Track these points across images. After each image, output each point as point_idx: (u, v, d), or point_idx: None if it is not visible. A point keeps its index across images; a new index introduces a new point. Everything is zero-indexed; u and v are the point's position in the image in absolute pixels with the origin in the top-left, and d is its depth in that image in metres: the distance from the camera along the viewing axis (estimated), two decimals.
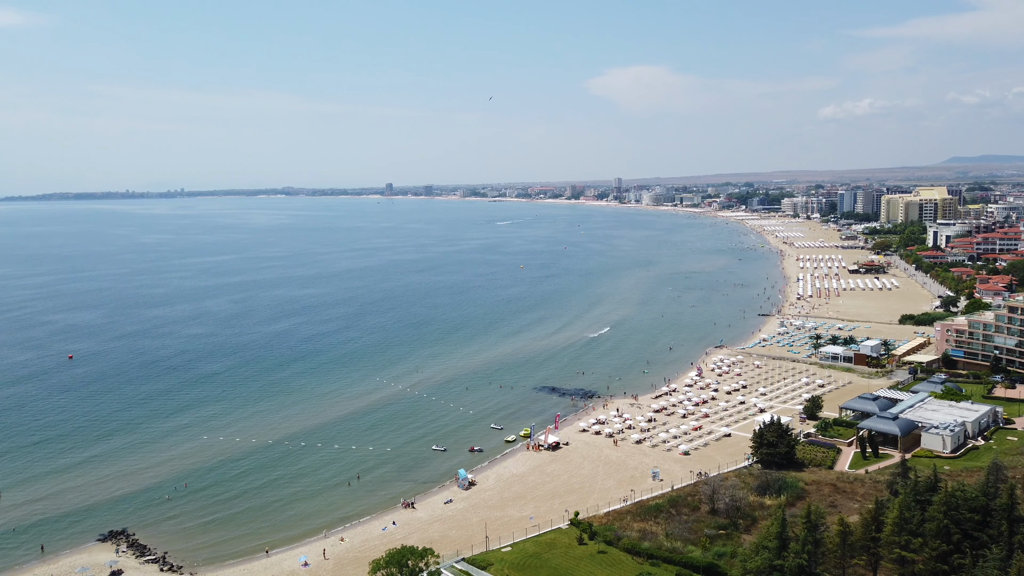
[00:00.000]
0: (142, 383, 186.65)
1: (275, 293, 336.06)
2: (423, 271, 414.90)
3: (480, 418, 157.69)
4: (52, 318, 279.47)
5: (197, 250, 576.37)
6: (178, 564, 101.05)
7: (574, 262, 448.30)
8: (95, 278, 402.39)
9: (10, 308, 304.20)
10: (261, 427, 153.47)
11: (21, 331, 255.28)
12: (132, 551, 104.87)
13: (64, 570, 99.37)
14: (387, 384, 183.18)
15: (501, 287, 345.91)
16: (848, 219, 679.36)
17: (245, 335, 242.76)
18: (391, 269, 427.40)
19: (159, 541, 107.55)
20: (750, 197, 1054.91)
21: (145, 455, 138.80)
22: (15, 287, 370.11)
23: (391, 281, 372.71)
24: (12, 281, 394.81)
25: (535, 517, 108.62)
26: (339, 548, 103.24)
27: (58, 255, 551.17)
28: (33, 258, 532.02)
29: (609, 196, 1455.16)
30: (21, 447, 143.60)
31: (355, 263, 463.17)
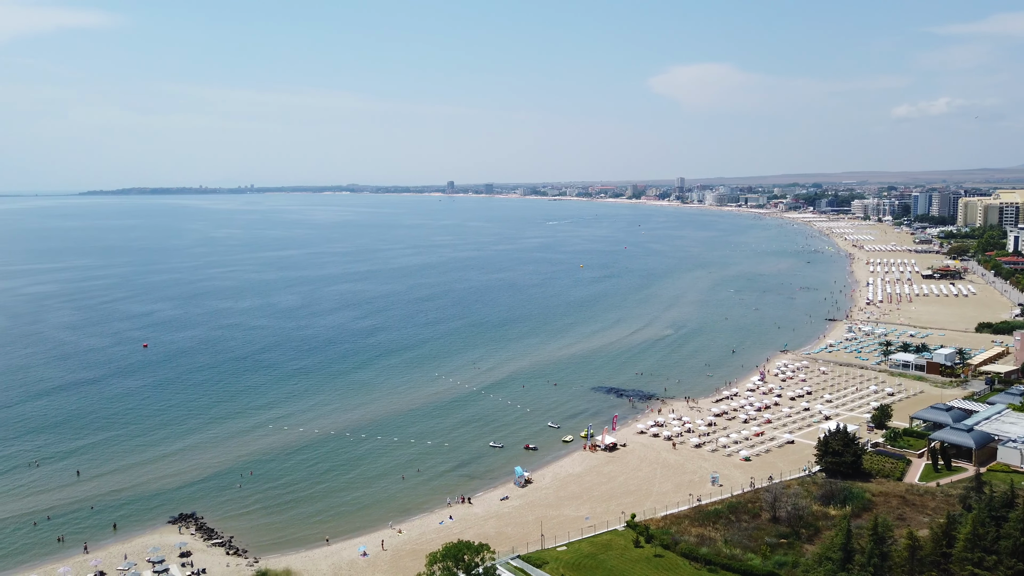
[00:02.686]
0: (210, 372, 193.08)
1: (337, 288, 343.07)
2: (482, 269, 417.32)
3: (537, 416, 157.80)
4: (128, 308, 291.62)
5: (264, 245, 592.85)
6: (243, 548, 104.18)
7: (634, 262, 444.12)
8: (168, 270, 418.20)
9: (90, 297, 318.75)
10: (322, 418, 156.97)
11: (100, 320, 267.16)
12: (200, 534, 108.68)
13: (137, 549, 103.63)
14: (445, 380, 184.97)
15: (560, 286, 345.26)
16: (922, 222, 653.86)
17: (308, 328, 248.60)
18: (451, 266, 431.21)
19: (225, 525, 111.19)
20: (818, 198, 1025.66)
21: (213, 441, 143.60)
22: (95, 277, 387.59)
23: (450, 278, 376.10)
24: (92, 272, 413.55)
25: (591, 517, 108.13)
26: (396, 540, 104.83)
27: (135, 247, 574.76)
28: (111, 250, 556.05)
29: (671, 196, 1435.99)
30: (98, 430, 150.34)
31: (416, 260, 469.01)
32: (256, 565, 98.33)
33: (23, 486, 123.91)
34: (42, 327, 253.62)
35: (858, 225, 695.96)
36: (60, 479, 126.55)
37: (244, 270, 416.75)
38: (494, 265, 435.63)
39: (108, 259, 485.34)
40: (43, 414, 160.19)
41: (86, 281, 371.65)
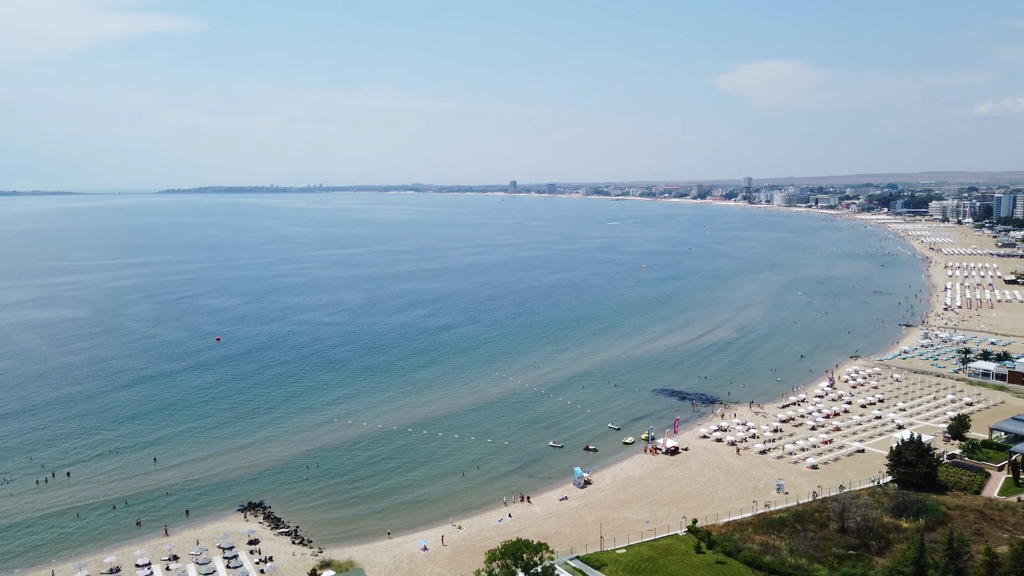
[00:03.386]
0: (280, 367, 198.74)
1: (402, 286, 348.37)
2: (544, 268, 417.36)
3: (597, 417, 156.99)
4: (202, 303, 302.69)
5: (331, 242, 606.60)
6: (308, 538, 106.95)
7: (699, 263, 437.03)
8: (241, 266, 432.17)
9: (167, 291, 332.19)
10: (386, 414, 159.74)
11: (176, 313, 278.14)
12: (268, 523, 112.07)
13: (208, 535, 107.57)
14: (506, 378, 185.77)
15: (622, 286, 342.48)
16: (1005, 225, 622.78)
17: (373, 325, 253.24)
18: (513, 266, 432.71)
19: (291, 515, 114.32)
20: (893, 199, 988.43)
21: (282, 434, 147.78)
22: (172, 272, 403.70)
23: (512, 278, 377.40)
24: (169, 267, 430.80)
25: (651, 521, 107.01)
26: (456, 535, 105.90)
27: (209, 244, 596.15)
28: (188, 246, 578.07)
29: (737, 196, 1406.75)
30: (173, 418, 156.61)
31: (478, 259, 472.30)
32: (320, 555, 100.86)
33: (104, 472, 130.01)
34: (125, 320, 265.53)
35: (936, 227, 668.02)
36: (138, 466, 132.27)
37: (312, 267, 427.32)
38: (556, 265, 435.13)
39: (184, 255, 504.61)
40: (124, 404, 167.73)
41: (164, 276, 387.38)
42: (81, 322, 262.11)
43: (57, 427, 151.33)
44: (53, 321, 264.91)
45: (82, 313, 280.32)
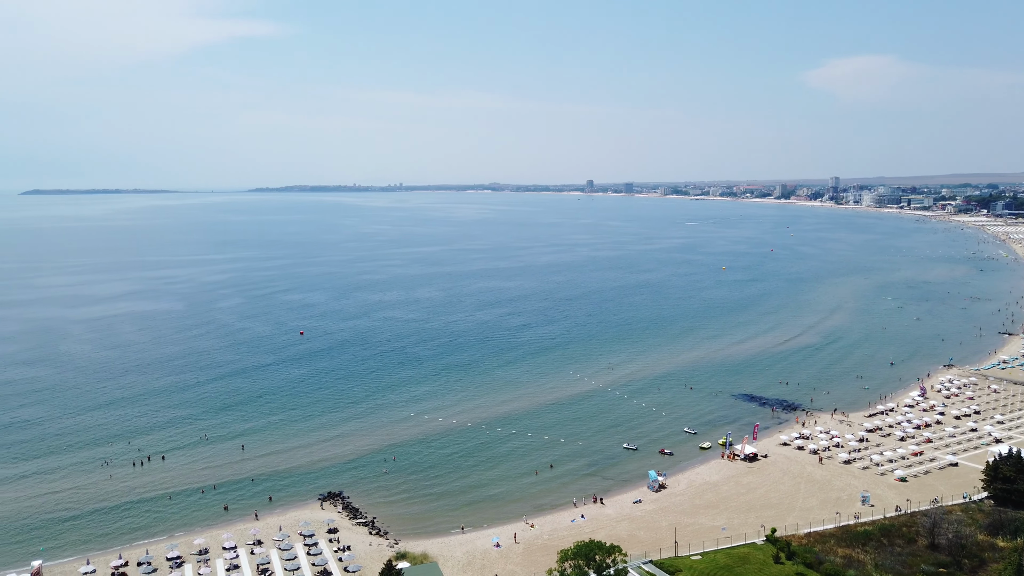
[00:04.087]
0: (361, 362, 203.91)
1: (478, 284, 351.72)
2: (621, 269, 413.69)
3: (673, 421, 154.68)
4: (287, 298, 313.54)
5: (410, 241, 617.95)
6: (385, 529, 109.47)
7: (782, 265, 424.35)
8: (323, 263, 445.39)
9: (254, 287, 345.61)
10: (461, 410, 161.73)
11: (263, 308, 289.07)
12: (346, 513, 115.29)
13: (290, 522, 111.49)
14: (580, 379, 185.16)
15: (701, 288, 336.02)
16: None
17: (450, 323, 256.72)
18: (589, 266, 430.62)
19: (369, 506, 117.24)
20: (993, 200, 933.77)
21: (361, 427, 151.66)
22: (258, 268, 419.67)
23: (588, 277, 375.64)
24: (256, 263, 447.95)
25: (728, 528, 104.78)
26: (529, 534, 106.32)
27: (294, 241, 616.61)
28: (274, 243, 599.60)
29: (824, 196, 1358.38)
30: (261, 410, 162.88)
31: (554, 258, 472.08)
32: (396, 547, 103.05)
33: (195, 459, 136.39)
34: (216, 313, 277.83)
35: None
36: (227, 454, 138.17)
37: (392, 265, 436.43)
38: (633, 265, 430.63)
39: (271, 252, 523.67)
40: (216, 395, 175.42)
41: (251, 272, 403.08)
42: (176, 314, 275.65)
43: (154, 415, 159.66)
44: (150, 313, 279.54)
45: (177, 306, 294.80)
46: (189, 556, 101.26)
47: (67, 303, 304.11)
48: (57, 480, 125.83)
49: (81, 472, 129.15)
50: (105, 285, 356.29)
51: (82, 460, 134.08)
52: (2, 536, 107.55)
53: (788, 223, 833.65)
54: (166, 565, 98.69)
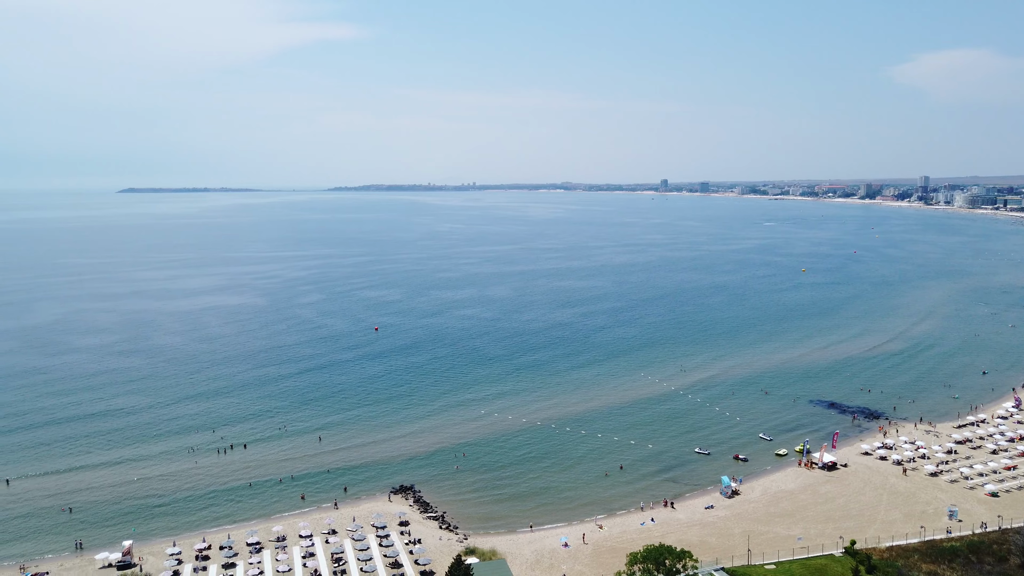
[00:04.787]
0: (431, 357, 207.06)
1: (550, 283, 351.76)
2: (695, 270, 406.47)
3: (747, 426, 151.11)
4: (363, 294, 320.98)
5: (483, 239, 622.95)
6: (454, 524, 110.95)
7: (866, 268, 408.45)
8: (398, 261, 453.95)
9: (333, 283, 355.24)
10: (531, 408, 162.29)
11: (340, 304, 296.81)
12: (417, 506, 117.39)
13: (363, 513, 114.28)
14: (652, 380, 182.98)
15: (779, 290, 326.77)
16: None
17: (522, 321, 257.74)
18: (662, 266, 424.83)
19: (439, 501, 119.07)
20: None
21: (433, 423, 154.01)
22: (337, 265, 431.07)
23: (662, 278, 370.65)
24: (335, 260, 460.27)
25: (804, 538, 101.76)
26: (597, 534, 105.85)
27: (370, 239, 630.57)
28: (350, 241, 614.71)
29: (912, 196, 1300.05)
30: (338, 403, 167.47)
31: (627, 258, 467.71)
32: (465, 542, 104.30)
33: (275, 451, 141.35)
34: (296, 309, 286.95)
35: None
36: (305, 446, 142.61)
37: (465, 263, 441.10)
38: (708, 266, 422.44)
39: (347, 249, 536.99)
40: (296, 389, 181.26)
41: (329, 269, 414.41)
42: (259, 309, 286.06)
43: (237, 406, 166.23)
44: (235, 307, 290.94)
45: (260, 301, 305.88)
46: (268, 542, 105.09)
47: (159, 296, 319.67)
48: (148, 466, 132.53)
49: (169, 459, 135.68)
50: (194, 280, 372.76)
51: (170, 448, 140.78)
52: (97, 517, 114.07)
53: (873, 224, 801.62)
54: (246, 550, 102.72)
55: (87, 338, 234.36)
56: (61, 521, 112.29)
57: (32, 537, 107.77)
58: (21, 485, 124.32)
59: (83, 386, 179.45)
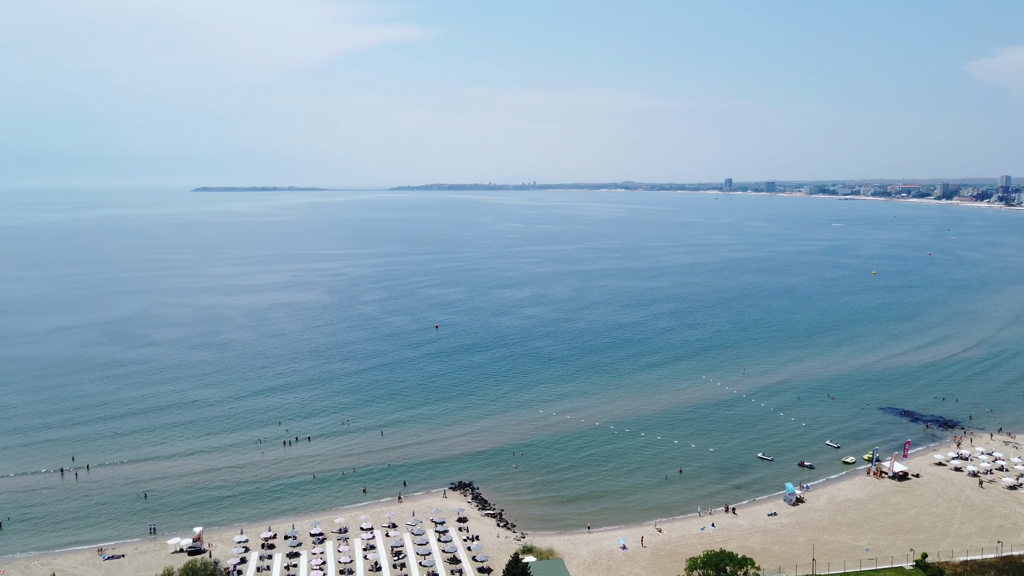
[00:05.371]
0: (493, 356, 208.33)
1: (611, 284, 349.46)
2: (759, 271, 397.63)
3: (813, 432, 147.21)
4: (425, 291, 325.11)
5: (543, 239, 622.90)
6: (512, 523, 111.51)
7: (941, 271, 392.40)
8: (458, 259, 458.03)
9: (395, 280, 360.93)
10: (587, 407, 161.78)
11: (402, 301, 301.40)
12: (475, 503, 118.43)
13: (423, 508, 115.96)
14: (714, 384, 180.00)
15: (847, 293, 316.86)
16: None
17: (580, 320, 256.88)
18: (726, 267, 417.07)
19: (498, 498, 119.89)
20: None
21: (491, 421, 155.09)
22: (399, 263, 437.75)
23: (725, 279, 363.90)
24: (397, 258, 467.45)
25: (872, 549, 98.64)
26: (656, 538, 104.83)
27: (431, 238, 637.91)
28: (413, 239, 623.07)
29: (992, 197, 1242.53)
30: (400, 401, 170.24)
31: (689, 259, 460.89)
32: (523, 540, 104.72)
33: (338, 445, 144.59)
34: (360, 306, 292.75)
35: None
36: (367, 441, 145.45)
37: (524, 262, 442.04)
38: (774, 268, 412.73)
39: (410, 247, 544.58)
40: (359, 385, 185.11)
41: (391, 266, 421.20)
42: (324, 305, 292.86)
43: (303, 401, 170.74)
44: (302, 303, 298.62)
45: (326, 297, 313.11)
46: (330, 533, 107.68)
47: (230, 292, 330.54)
48: (218, 457, 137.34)
49: (238, 451, 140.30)
50: (263, 276, 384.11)
51: (239, 440, 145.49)
52: (170, 504, 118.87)
53: (950, 225, 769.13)
54: (310, 540, 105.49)
55: (163, 331, 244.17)
56: (137, 507, 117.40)
57: (109, 521, 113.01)
58: (101, 472, 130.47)
59: (159, 379, 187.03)
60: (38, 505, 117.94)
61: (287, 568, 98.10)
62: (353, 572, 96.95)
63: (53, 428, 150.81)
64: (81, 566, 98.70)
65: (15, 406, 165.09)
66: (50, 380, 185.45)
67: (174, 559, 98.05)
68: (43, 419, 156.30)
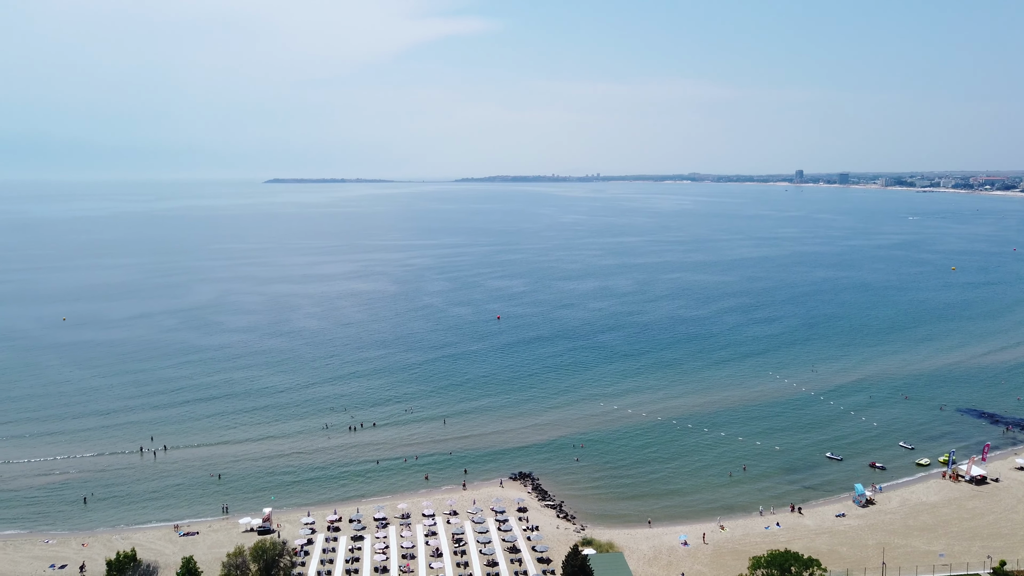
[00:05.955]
0: (554, 347, 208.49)
1: (672, 276, 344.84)
2: (831, 266, 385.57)
3: (885, 433, 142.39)
4: (487, 283, 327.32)
5: (606, 231, 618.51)
6: (572, 514, 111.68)
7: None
8: (521, 251, 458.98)
9: (459, 271, 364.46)
10: (651, 401, 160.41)
11: (463, 291, 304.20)
12: (535, 494, 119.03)
13: (483, 497, 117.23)
14: (781, 381, 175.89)
15: (924, 289, 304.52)
16: None
17: (645, 315, 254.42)
18: (795, 261, 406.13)
19: (558, 490, 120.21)
20: None
21: (554, 414, 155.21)
22: (461, 254, 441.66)
23: (794, 274, 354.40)
24: (459, 249, 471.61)
25: (946, 555, 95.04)
26: (719, 535, 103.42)
27: (495, 229, 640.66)
28: (477, 230, 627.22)
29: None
30: (461, 388, 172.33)
31: (756, 252, 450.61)
32: (582, 532, 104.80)
33: (401, 432, 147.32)
34: (423, 296, 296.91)
35: None
36: (429, 429, 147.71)
37: (586, 254, 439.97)
38: (845, 262, 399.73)
39: (474, 239, 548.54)
40: (422, 375, 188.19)
41: (455, 257, 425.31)
42: (390, 296, 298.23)
43: (368, 389, 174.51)
44: (368, 293, 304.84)
45: (391, 287, 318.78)
46: (393, 518, 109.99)
47: (300, 281, 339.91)
48: (287, 442, 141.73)
49: (306, 436, 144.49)
50: (332, 266, 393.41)
51: (307, 426, 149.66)
52: (242, 486, 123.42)
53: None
54: (373, 524, 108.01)
55: (237, 319, 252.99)
56: (210, 488, 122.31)
57: (185, 500, 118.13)
58: (178, 454, 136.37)
59: (233, 366, 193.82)
60: (119, 483, 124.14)
61: (351, 551, 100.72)
62: (415, 557, 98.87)
63: (134, 411, 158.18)
64: (158, 541, 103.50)
65: (99, 389, 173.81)
66: (132, 364, 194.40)
67: (245, 538, 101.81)
68: (125, 402, 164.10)
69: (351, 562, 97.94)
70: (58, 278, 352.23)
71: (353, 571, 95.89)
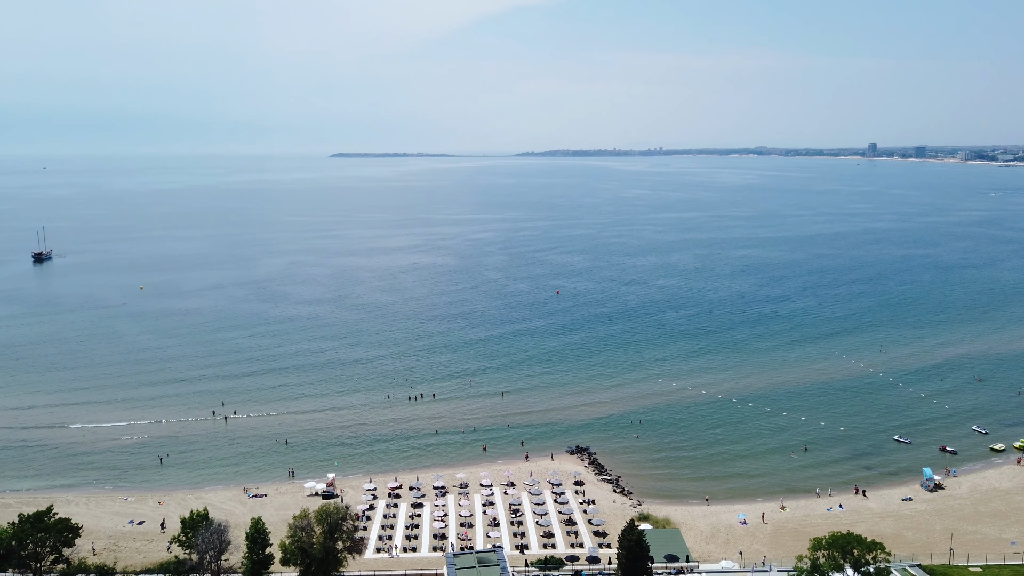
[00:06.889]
0: (615, 326, 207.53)
1: (737, 253, 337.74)
2: (903, 243, 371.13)
3: (957, 416, 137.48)
4: (546, 257, 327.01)
5: (669, 206, 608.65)
6: (628, 489, 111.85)
7: None
8: (582, 226, 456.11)
9: (519, 246, 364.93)
10: (712, 380, 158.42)
11: (523, 266, 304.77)
12: (592, 468, 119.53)
13: (540, 469, 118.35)
14: (847, 360, 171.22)
15: (1003, 269, 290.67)
16: None
17: (705, 290, 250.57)
18: (865, 238, 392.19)
19: (615, 465, 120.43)
20: None
21: (611, 389, 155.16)
22: (521, 229, 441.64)
23: (864, 251, 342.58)
24: (520, 224, 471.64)
25: (1018, 543, 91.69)
26: (778, 515, 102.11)
27: (555, 204, 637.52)
28: (537, 205, 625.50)
29: None
30: (520, 363, 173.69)
31: (825, 228, 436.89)
32: (639, 508, 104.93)
33: (461, 404, 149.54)
34: (483, 270, 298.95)
35: None
36: (488, 402, 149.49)
37: (648, 230, 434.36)
38: (918, 239, 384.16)
39: (533, 213, 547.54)
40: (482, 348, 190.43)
41: (516, 232, 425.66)
42: (450, 269, 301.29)
43: (428, 361, 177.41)
44: (429, 266, 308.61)
45: (451, 261, 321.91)
46: (452, 487, 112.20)
47: (364, 254, 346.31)
48: (351, 411, 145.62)
49: (369, 405, 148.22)
50: (394, 239, 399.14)
51: (370, 398, 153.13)
52: (308, 452, 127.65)
53: None
54: (432, 492, 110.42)
55: (304, 290, 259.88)
56: (277, 453, 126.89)
57: (254, 464, 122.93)
58: (247, 421, 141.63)
59: (300, 337, 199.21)
60: (192, 446, 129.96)
61: (411, 517, 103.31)
62: (472, 526, 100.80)
63: (207, 380, 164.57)
64: (229, 502, 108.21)
65: (175, 357, 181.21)
66: (204, 335, 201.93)
67: (310, 501, 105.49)
68: (199, 371, 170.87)
69: (411, 528, 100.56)
70: (135, 248, 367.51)
71: (413, 536, 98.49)
